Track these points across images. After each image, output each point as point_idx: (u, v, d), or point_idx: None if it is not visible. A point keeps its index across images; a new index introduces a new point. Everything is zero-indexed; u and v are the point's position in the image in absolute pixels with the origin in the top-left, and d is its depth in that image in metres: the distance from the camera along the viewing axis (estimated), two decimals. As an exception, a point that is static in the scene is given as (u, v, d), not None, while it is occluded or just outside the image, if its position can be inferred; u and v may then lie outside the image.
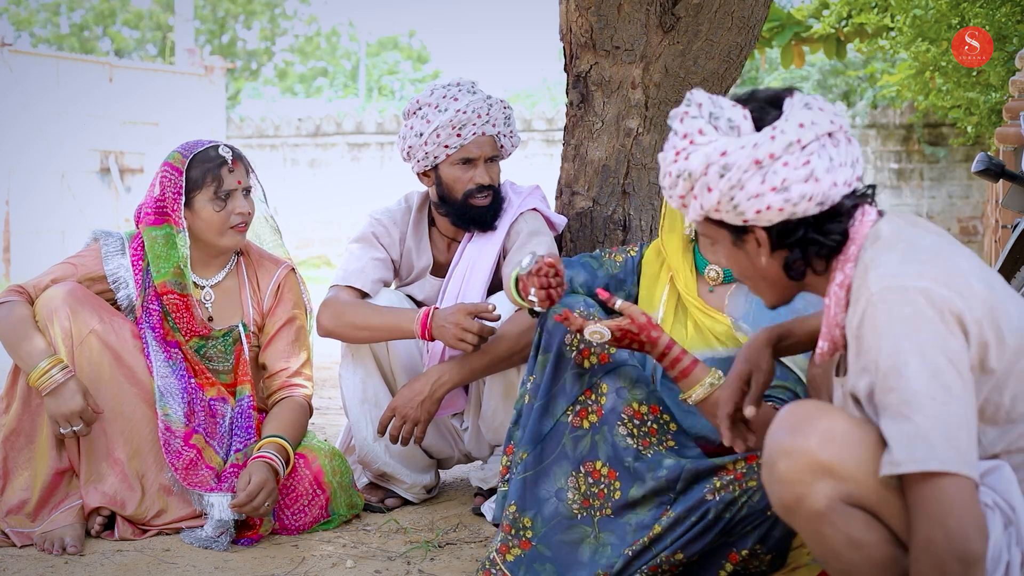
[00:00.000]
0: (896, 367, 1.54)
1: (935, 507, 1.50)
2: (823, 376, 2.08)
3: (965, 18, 7.33)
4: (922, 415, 1.51)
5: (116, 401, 2.70)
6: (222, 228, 2.78)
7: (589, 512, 2.27)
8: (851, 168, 1.69)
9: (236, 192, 2.78)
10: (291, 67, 29.14)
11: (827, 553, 1.64)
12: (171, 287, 2.78)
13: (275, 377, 2.89)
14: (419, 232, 3.03)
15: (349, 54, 29.75)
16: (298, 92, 28.19)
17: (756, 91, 1.75)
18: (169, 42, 17.54)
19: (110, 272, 2.80)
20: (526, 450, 2.31)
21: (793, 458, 1.60)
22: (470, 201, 2.88)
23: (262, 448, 2.68)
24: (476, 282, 2.88)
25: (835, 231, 1.70)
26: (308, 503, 2.74)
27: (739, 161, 1.66)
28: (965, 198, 12.47)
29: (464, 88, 2.89)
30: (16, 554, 2.57)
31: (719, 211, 1.72)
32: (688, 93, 1.76)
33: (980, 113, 9.26)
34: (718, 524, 2.15)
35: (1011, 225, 3.67)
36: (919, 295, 1.55)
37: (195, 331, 2.81)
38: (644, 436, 2.27)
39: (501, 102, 2.90)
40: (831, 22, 8.29)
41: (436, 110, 2.85)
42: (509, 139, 2.94)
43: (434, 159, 2.88)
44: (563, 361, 2.32)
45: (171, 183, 2.75)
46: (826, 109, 1.69)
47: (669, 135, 1.76)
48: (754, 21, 3.18)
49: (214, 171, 2.75)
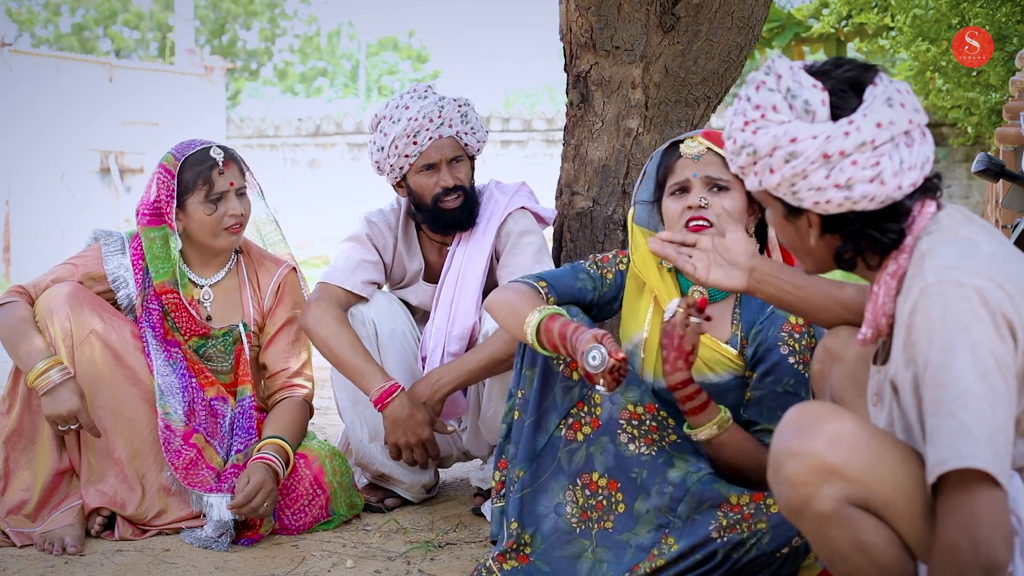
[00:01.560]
0: (947, 363, 1.51)
1: (966, 513, 1.47)
2: (824, 373, 2.07)
3: (965, 18, 7.33)
4: (968, 413, 1.48)
5: (116, 401, 2.70)
6: (215, 230, 2.78)
7: (587, 524, 2.25)
8: (919, 170, 1.64)
9: (228, 194, 2.78)
10: (291, 67, 29.14)
11: (833, 556, 1.62)
12: (170, 287, 2.78)
13: (275, 377, 2.89)
14: (408, 236, 3.02)
15: (349, 54, 29.76)
16: (298, 92, 28.20)
17: (841, 63, 1.67)
18: (169, 42, 17.55)
19: (110, 272, 2.81)
20: (522, 468, 2.29)
21: (800, 460, 1.58)
22: (440, 205, 2.86)
23: (262, 449, 2.68)
24: (469, 288, 2.87)
25: (893, 229, 1.66)
26: (308, 503, 2.74)
27: (807, 152, 1.62)
28: (965, 198, 12.46)
29: (416, 94, 2.88)
30: (16, 554, 2.57)
31: (778, 191, 1.68)
32: (769, 60, 1.69)
33: (980, 113, 9.26)
34: (725, 564, 2.13)
35: (1011, 225, 3.67)
36: (974, 293, 1.52)
37: (194, 331, 2.81)
38: (646, 434, 2.26)
39: (455, 101, 2.87)
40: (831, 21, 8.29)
41: (391, 121, 2.85)
42: (472, 136, 2.91)
43: (400, 170, 2.88)
44: (551, 375, 2.30)
45: (164, 185, 2.76)
46: (907, 104, 1.63)
47: (740, 98, 1.70)
48: (754, 21, 3.18)
49: (205, 174, 2.75)
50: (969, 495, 1.47)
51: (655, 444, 2.25)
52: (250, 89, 26.41)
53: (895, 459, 1.59)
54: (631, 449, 2.25)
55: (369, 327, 2.87)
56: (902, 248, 1.67)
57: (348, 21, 38.61)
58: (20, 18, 26.37)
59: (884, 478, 1.57)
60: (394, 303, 2.95)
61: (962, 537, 1.46)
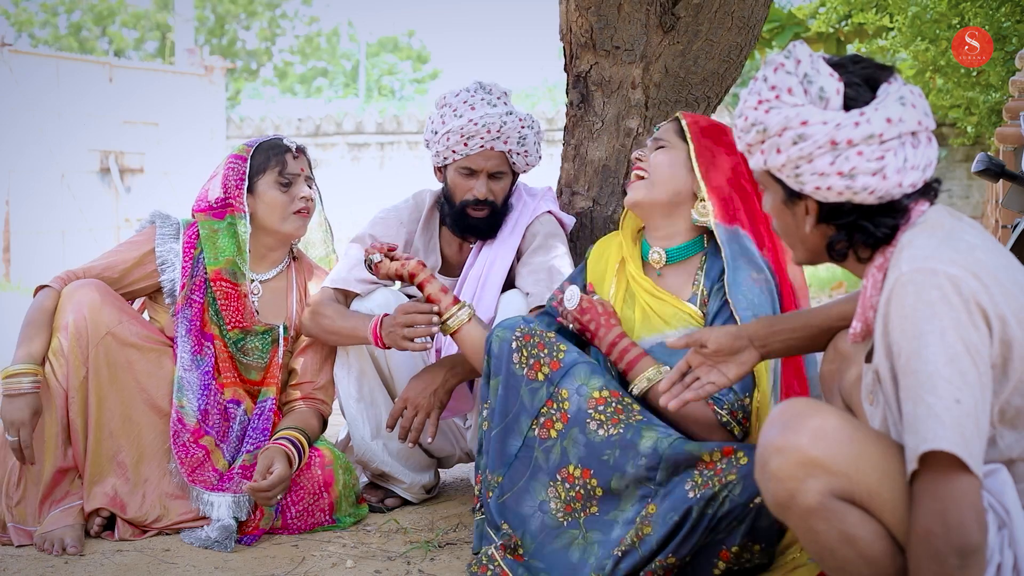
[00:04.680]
0: (917, 350, 1.53)
1: (937, 499, 1.50)
2: (833, 373, 2.08)
3: (965, 18, 7.33)
4: (935, 396, 1.51)
5: (126, 405, 2.70)
6: (285, 212, 2.82)
7: (574, 516, 2.29)
8: (921, 172, 1.67)
9: (299, 178, 2.85)
10: (291, 67, 29.14)
11: (822, 550, 1.64)
12: (225, 275, 2.80)
13: (301, 386, 2.90)
14: (429, 231, 3.03)
15: (349, 54, 29.74)
16: (298, 92, 28.19)
17: (859, 60, 1.71)
18: (169, 42, 17.54)
19: (159, 254, 2.82)
20: (499, 473, 2.34)
21: (785, 455, 1.61)
22: (466, 210, 2.90)
23: (281, 435, 2.70)
24: (491, 284, 2.89)
25: (886, 224, 1.69)
26: (313, 503, 2.74)
27: (816, 136, 1.65)
28: (965, 198, 12.46)
29: (487, 98, 2.88)
30: (16, 554, 2.57)
31: (781, 172, 1.71)
32: (791, 44, 1.72)
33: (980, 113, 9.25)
34: (703, 521, 2.15)
35: (1011, 225, 3.67)
36: (947, 280, 1.55)
37: (239, 322, 2.82)
38: (612, 416, 2.29)
39: (520, 120, 2.87)
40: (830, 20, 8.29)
41: (454, 113, 2.86)
42: (523, 157, 2.93)
43: (444, 159, 2.91)
44: (513, 379, 2.36)
45: (235, 171, 2.82)
46: (918, 106, 1.66)
47: (757, 78, 1.73)
48: (754, 21, 3.18)
49: (279, 155, 2.82)
50: (940, 481, 1.50)
51: (621, 423, 2.28)
52: (250, 89, 26.38)
53: (879, 453, 1.61)
54: (600, 434, 2.28)
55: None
56: (892, 243, 1.70)
57: (348, 21, 38.74)
58: (18, 19, 26.36)
59: (868, 471, 1.59)
60: (399, 298, 2.95)
61: (935, 523, 1.49)
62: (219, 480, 2.69)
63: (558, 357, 2.34)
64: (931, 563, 1.49)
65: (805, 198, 1.72)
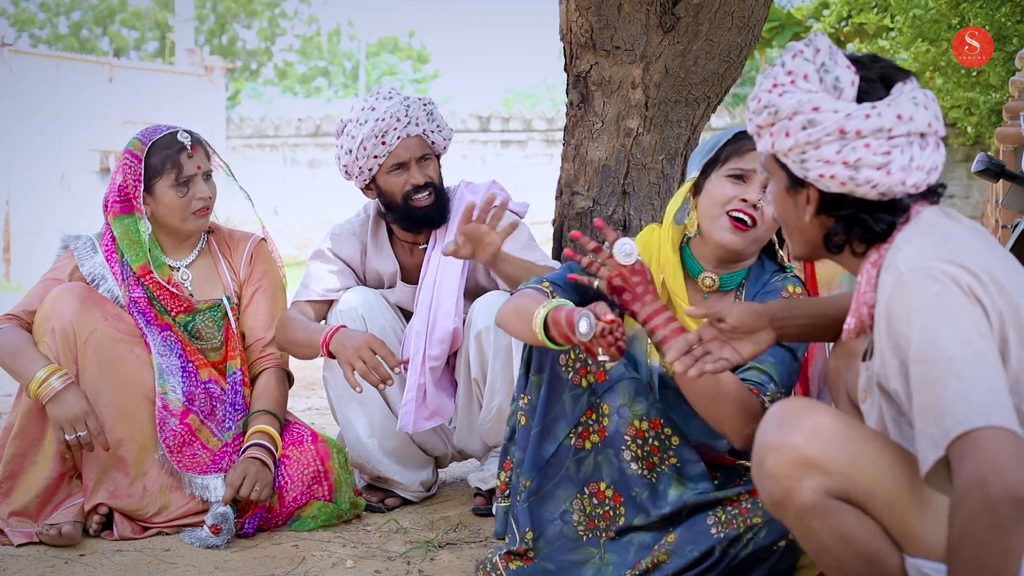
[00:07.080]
0: (930, 340, 1.53)
1: (985, 453, 1.44)
2: (840, 370, 2.08)
3: (965, 18, 7.34)
4: (961, 379, 1.49)
5: (121, 399, 2.71)
6: (184, 214, 2.82)
7: (595, 533, 2.26)
8: (926, 174, 1.67)
9: (196, 177, 2.81)
10: (291, 67, 29.14)
11: (819, 549, 1.65)
12: (149, 269, 2.81)
13: (253, 348, 2.93)
14: (379, 240, 3.02)
15: (349, 54, 29.75)
16: (298, 92, 28.22)
17: (878, 60, 1.73)
18: (169, 42, 17.55)
19: (87, 272, 2.83)
20: (528, 478, 2.28)
21: (780, 454, 1.61)
22: (411, 203, 2.88)
23: (249, 439, 2.73)
24: (448, 291, 2.87)
25: (884, 220, 1.69)
26: (311, 478, 2.76)
27: (826, 123, 1.66)
28: (965, 198, 12.46)
29: (381, 95, 2.90)
30: (16, 554, 2.57)
31: (787, 157, 1.71)
32: (812, 33, 1.74)
33: (980, 113, 9.26)
34: (724, 560, 2.13)
35: (1011, 225, 3.67)
36: (945, 276, 1.55)
37: (179, 308, 2.83)
38: (647, 457, 2.26)
39: (420, 100, 2.90)
40: (831, 22, 8.29)
41: (358, 124, 2.87)
42: (439, 134, 2.92)
43: (369, 171, 2.90)
44: (558, 382, 2.28)
45: (131, 170, 2.79)
46: (930, 109, 1.67)
47: (775, 64, 1.75)
48: (754, 21, 3.18)
49: (173, 158, 2.79)
50: (981, 442, 1.45)
51: (655, 469, 2.26)
52: (250, 89, 26.41)
53: (875, 452, 1.62)
54: (633, 468, 2.25)
55: (359, 323, 2.87)
56: (888, 240, 1.71)
57: (348, 21, 38.67)
58: (18, 19, 26.36)
59: (864, 470, 1.60)
60: (381, 300, 2.96)
61: (989, 471, 1.43)
62: (212, 460, 2.71)
63: (604, 368, 2.27)
64: (983, 515, 1.43)
65: (807, 187, 1.72)
